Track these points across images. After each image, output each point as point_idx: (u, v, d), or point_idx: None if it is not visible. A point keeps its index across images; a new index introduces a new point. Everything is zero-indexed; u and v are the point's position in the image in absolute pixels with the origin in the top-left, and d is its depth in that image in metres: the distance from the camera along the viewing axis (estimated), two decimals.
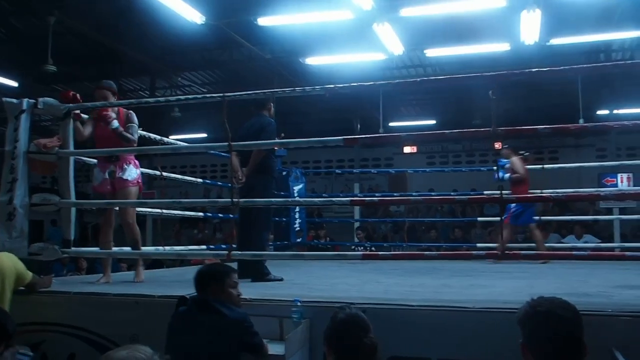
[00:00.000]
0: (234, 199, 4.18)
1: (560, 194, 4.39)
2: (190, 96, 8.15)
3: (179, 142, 6.97)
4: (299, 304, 3.42)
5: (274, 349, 3.25)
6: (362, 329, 2.51)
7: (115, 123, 4.92)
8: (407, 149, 18.41)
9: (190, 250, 6.71)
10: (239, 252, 4.45)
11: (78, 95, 4.88)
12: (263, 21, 10.22)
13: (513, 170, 7.54)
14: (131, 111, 5.19)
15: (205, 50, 14.21)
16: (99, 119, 4.96)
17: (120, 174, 5.05)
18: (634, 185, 9.83)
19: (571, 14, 10.22)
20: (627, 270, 6.02)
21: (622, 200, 8.55)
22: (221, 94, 4.32)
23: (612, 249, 8.35)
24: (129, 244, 5.13)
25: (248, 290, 4.16)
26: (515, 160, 7.74)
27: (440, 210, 15.17)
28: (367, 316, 2.84)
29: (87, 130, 5.03)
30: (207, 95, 5.14)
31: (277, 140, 5.28)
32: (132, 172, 5.11)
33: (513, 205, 7.19)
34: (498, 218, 10.86)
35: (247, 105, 5.62)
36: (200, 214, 7.79)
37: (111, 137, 4.95)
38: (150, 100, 5.61)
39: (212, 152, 6.85)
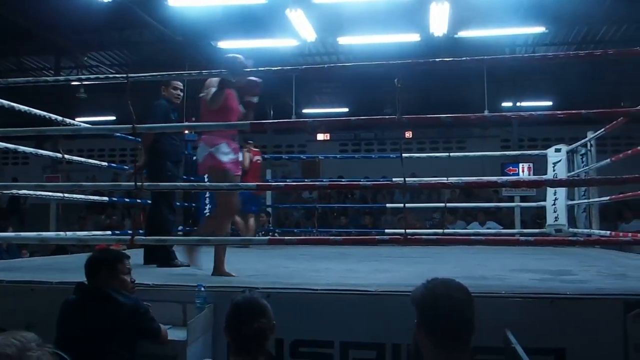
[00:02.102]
0: (137, 183, 4.05)
1: (459, 182, 4.52)
2: (92, 76, 7.82)
3: (82, 124, 6.72)
4: (202, 289, 3.39)
5: (177, 334, 3.21)
6: (256, 314, 2.53)
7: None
8: (320, 137, 18.54)
9: (92, 235, 6.47)
10: (143, 237, 4.34)
11: None
12: (174, 2, 9.98)
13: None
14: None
15: (114, 29, 13.72)
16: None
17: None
18: (534, 174, 10.30)
19: (478, 8, 10.54)
20: (524, 255, 6.31)
21: (518, 188, 8.98)
22: (125, 75, 4.19)
23: (512, 235, 8.72)
24: None
25: (151, 276, 4.08)
26: (246, 153, 8.33)
27: (351, 197, 15.36)
28: (270, 301, 2.84)
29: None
30: (110, 76, 4.94)
31: (180, 124, 5.19)
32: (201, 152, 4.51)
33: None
34: (411, 205, 11.30)
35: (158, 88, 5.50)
36: (105, 198, 7.52)
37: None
38: (49, 79, 5.35)
39: (119, 135, 6.63)
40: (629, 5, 10.87)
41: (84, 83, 11.64)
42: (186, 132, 8.95)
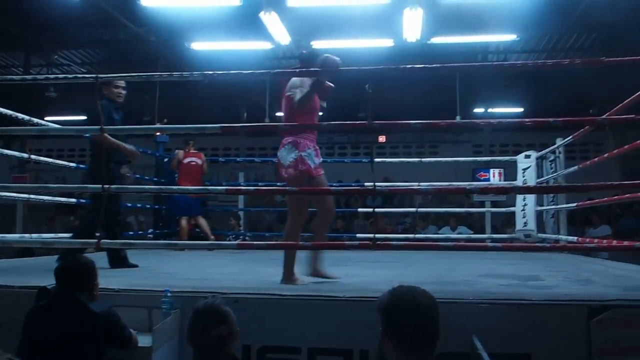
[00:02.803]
0: (104, 185, 4.00)
1: (428, 187, 4.55)
2: (60, 75, 7.71)
3: (50, 124, 6.62)
4: (169, 294, 3.36)
5: (141, 340, 3.18)
6: (216, 321, 2.52)
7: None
8: None
9: (57, 238, 6.37)
10: (109, 241, 4.28)
11: None
12: (147, 1, 9.88)
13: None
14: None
15: (86, 28, 13.50)
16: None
17: (279, 154, 4.43)
18: (505, 180, 10.40)
19: (451, 14, 10.62)
20: (494, 260, 6.36)
21: (486, 194, 9.09)
22: (94, 75, 4.14)
23: (482, 240, 8.80)
24: None
25: (117, 279, 4.03)
26: (179, 152, 8.74)
27: None
28: (238, 307, 2.83)
29: None
30: (79, 75, 4.88)
31: (150, 126, 5.12)
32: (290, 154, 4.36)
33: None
34: (379, 209, 11.37)
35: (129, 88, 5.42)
36: (73, 200, 7.41)
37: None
38: (16, 78, 5.25)
39: (89, 135, 6.53)
40: (599, 14, 11.05)
41: (52, 82, 11.42)
42: (157, 133, 8.91)
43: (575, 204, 7.27)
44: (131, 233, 10.02)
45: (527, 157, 8.20)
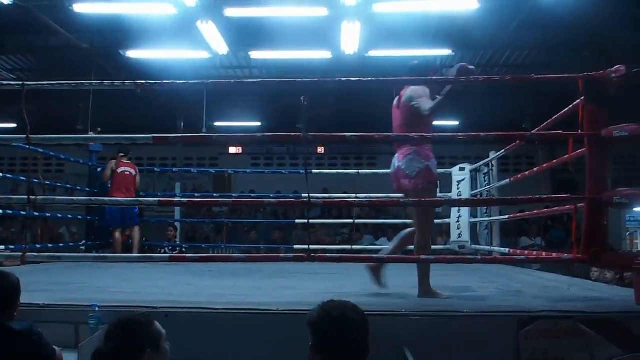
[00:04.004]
0: (30, 196, 3.85)
1: (363, 200, 4.58)
2: None
3: None
4: (97, 309, 3.25)
5: (67, 357, 3.06)
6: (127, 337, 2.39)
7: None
8: (232, 150, 18.35)
9: None
10: (35, 254, 4.12)
11: None
12: (79, 8, 9.60)
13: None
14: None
15: (16, 33, 13.06)
16: None
17: (400, 164, 4.36)
18: (441, 192, 10.56)
19: (389, 28, 10.73)
20: (431, 271, 6.42)
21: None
22: (20, 82, 4.01)
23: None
24: None
25: (43, 294, 3.89)
26: (112, 162, 8.67)
27: (263, 212, 15.26)
28: (169, 321, 2.75)
29: None
30: (4, 82, 4.70)
31: (80, 136, 4.99)
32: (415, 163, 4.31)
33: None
34: (316, 220, 11.38)
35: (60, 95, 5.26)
36: None
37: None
38: None
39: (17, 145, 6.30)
40: (531, 32, 11.41)
41: None
42: (91, 143, 8.68)
43: (507, 216, 7.45)
44: (61, 245, 9.73)
45: (462, 169, 8.35)
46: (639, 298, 3.55)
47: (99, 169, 9.00)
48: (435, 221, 9.84)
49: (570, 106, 4.36)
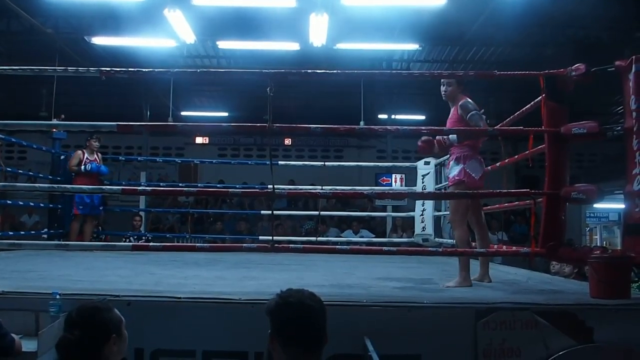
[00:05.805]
0: None
1: (328, 192, 4.61)
2: None
3: None
4: (57, 297, 3.23)
5: (27, 345, 3.04)
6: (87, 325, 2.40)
7: None
8: (198, 140, 18.22)
9: None
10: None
11: None
12: None
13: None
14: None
15: None
16: None
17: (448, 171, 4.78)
18: (406, 185, 10.70)
19: (356, 22, 10.79)
20: (392, 263, 6.50)
21: (383, 199, 9.32)
22: None
23: (383, 244, 9.00)
24: None
25: (3, 282, 3.85)
26: (77, 151, 8.47)
27: (229, 202, 15.22)
28: (131, 309, 2.75)
29: None
30: None
31: (43, 122, 4.93)
32: (454, 169, 4.59)
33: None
34: (281, 212, 11.40)
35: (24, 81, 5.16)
36: None
37: None
38: None
39: None
40: (495, 29, 11.56)
41: None
42: (54, 130, 8.54)
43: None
44: (22, 233, 9.58)
45: (427, 163, 8.45)
46: (594, 291, 3.65)
47: (62, 157, 8.86)
48: (399, 214, 10.05)
49: (532, 103, 4.46)
